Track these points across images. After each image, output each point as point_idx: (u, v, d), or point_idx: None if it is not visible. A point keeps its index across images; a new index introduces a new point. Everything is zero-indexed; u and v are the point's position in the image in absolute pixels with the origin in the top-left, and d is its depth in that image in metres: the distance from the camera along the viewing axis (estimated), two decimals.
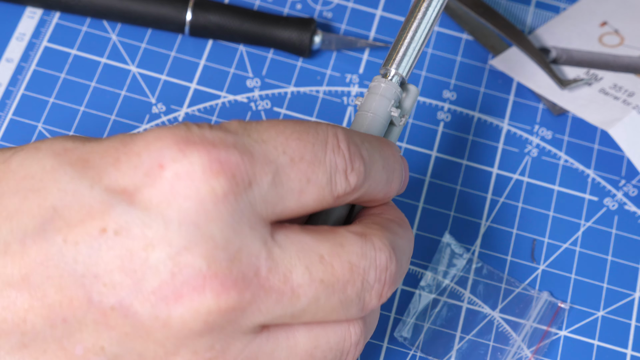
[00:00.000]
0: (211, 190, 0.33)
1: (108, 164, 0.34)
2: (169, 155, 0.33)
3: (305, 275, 0.34)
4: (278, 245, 0.34)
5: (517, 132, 0.56)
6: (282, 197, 0.35)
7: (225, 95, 0.55)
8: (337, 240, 0.36)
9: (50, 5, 0.56)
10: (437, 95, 0.57)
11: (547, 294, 0.51)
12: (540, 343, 0.50)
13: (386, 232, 0.37)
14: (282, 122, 0.36)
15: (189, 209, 0.33)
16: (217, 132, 0.34)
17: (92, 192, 0.33)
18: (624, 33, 0.59)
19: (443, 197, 0.54)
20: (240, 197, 0.33)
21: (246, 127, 0.35)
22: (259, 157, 0.34)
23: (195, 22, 0.56)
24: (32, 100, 0.54)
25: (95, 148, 0.34)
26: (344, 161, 0.36)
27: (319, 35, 0.56)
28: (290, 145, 0.35)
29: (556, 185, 0.55)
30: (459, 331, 0.50)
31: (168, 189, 0.33)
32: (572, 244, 0.53)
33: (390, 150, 0.39)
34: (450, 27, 0.59)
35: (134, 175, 0.33)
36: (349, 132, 0.37)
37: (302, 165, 0.35)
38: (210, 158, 0.33)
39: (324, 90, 0.56)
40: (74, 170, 0.34)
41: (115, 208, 0.33)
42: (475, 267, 0.52)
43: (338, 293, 0.35)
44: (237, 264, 0.33)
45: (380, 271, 0.36)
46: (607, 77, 0.56)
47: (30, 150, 0.35)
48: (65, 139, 0.35)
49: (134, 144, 0.34)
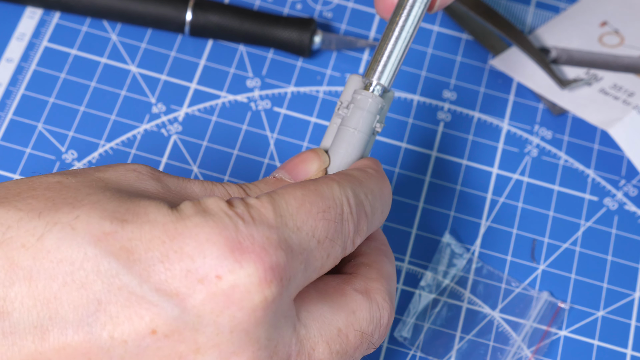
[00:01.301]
0: (264, 299, 0.34)
1: (156, 260, 0.33)
2: (226, 266, 0.33)
3: (326, 350, 0.37)
4: (303, 324, 0.37)
5: (517, 132, 0.56)
6: (309, 278, 0.37)
7: (225, 95, 0.55)
8: (349, 307, 0.38)
9: (50, 5, 0.56)
10: (437, 95, 0.57)
11: (547, 294, 0.51)
12: (540, 343, 0.50)
13: (383, 281, 0.40)
14: (307, 199, 0.36)
15: (242, 318, 0.34)
16: (262, 229, 0.34)
17: (141, 290, 0.33)
18: (624, 33, 0.59)
19: (443, 197, 0.54)
20: (283, 296, 0.35)
21: (281, 212, 0.35)
22: (297, 249, 0.35)
23: (195, 22, 0.56)
24: (32, 100, 0.54)
25: (136, 234, 0.34)
26: (354, 227, 0.38)
27: (319, 35, 0.56)
28: (318, 228, 0.36)
29: (556, 185, 0.55)
30: (459, 331, 0.50)
31: (223, 299, 0.33)
32: (572, 244, 0.53)
33: (387, 188, 0.41)
34: (450, 27, 0.59)
35: (187, 280, 0.33)
36: (356, 189, 0.38)
37: (325, 244, 0.37)
38: (265, 268, 0.34)
39: (324, 90, 0.56)
40: (118, 264, 0.33)
41: (166, 310, 0.33)
42: (475, 267, 0.52)
43: (349, 358, 0.38)
44: (275, 357, 0.35)
45: (382, 330, 0.40)
46: (607, 77, 0.56)
47: (66, 229, 0.34)
48: (102, 216, 0.34)
49: (184, 242, 0.34)
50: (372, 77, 0.42)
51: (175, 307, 0.33)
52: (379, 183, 0.40)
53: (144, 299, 0.33)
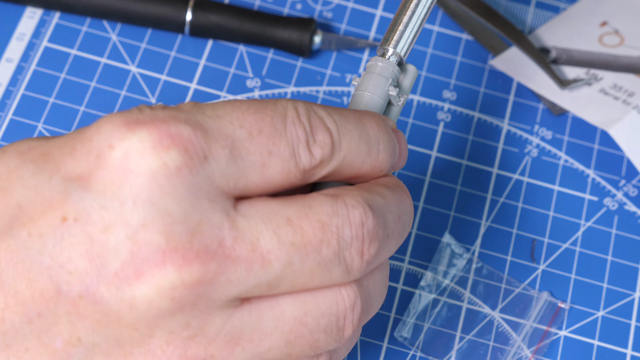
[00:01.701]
0: (163, 165, 0.33)
1: (65, 154, 0.34)
2: (118, 136, 0.33)
3: (274, 239, 0.33)
4: (242, 214, 0.34)
5: (517, 132, 0.56)
6: (243, 171, 0.34)
7: (225, 95, 0.56)
8: (306, 202, 0.35)
9: (50, 5, 0.56)
10: (437, 95, 0.57)
11: (547, 294, 0.51)
12: (540, 343, 0.50)
13: (363, 191, 0.36)
14: (239, 100, 0.35)
15: (142, 186, 0.33)
16: (169, 110, 0.34)
17: (51, 183, 0.34)
18: (624, 33, 0.59)
19: (443, 197, 0.54)
20: (195, 171, 0.33)
21: (200, 106, 0.35)
22: (213, 131, 0.34)
23: (195, 22, 0.56)
24: (32, 100, 0.54)
25: (57, 142, 0.35)
26: (305, 133, 0.35)
27: (319, 35, 0.56)
28: (247, 120, 0.34)
29: (556, 185, 0.55)
30: (459, 331, 0.50)
31: (119, 168, 0.33)
32: (572, 244, 0.53)
33: (372, 121, 0.38)
34: (450, 27, 0.59)
35: (87, 160, 0.33)
36: (311, 105, 0.36)
37: (261, 139, 0.34)
38: (160, 133, 0.33)
39: (324, 90, 0.56)
40: (35, 166, 0.34)
41: (72, 195, 0.33)
42: (475, 267, 0.52)
43: (313, 254, 0.34)
44: (198, 236, 0.33)
45: (355, 227, 0.35)
46: (607, 77, 0.56)
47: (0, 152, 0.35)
48: (32, 139, 0.36)
49: (88, 130, 0.34)
50: (387, 46, 0.41)
51: (79, 189, 0.33)
52: (357, 113, 0.37)
53: (53, 190, 0.33)
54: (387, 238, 0.36)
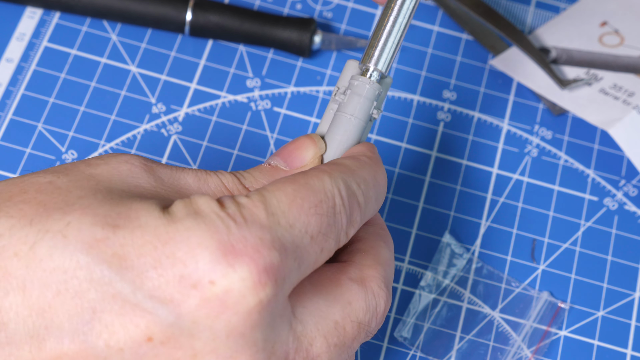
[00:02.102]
0: (259, 302, 0.34)
1: (149, 266, 0.33)
2: (219, 271, 0.33)
3: (324, 345, 0.37)
4: (299, 321, 0.36)
5: (517, 132, 0.56)
6: (303, 274, 0.36)
7: (225, 95, 0.55)
8: (345, 298, 0.38)
9: (50, 5, 0.56)
10: (437, 95, 0.57)
11: (547, 294, 0.51)
12: (540, 343, 0.50)
13: (379, 268, 0.40)
14: (299, 194, 0.36)
15: (238, 322, 0.34)
16: (254, 230, 0.34)
17: (135, 297, 0.33)
18: (624, 33, 0.59)
19: (443, 197, 0.54)
20: (279, 296, 0.35)
21: (273, 211, 0.35)
22: (291, 248, 0.35)
23: (195, 22, 0.56)
24: (32, 100, 0.54)
25: (128, 240, 0.33)
26: (347, 219, 0.38)
27: (319, 35, 0.56)
28: (310, 224, 0.36)
29: (556, 185, 0.55)
30: (459, 331, 0.50)
31: (218, 304, 0.33)
32: (572, 244, 0.53)
33: (381, 174, 0.40)
34: (450, 27, 0.59)
35: (179, 286, 0.33)
36: (348, 180, 0.38)
37: (318, 239, 0.36)
38: (259, 270, 0.34)
39: (324, 90, 0.56)
40: (111, 271, 0.33)
41: (161, 317, 0.33)
42: (475, 267, 0.52)
43: (348, 349, 0.38)
44: (273, 358, 0.35)
45: (379, 317, 0.39)
46: (607, 77, 0.56)
47: (58, 237, 0.33)
48: (94, 222, 0.34)
49: (176, 247, 0.33)
50: (368, 63, 0.42)
51: (170, 314, 0.33)
52: (372, 171, 0.40)
53: (138, 306, 0.33)
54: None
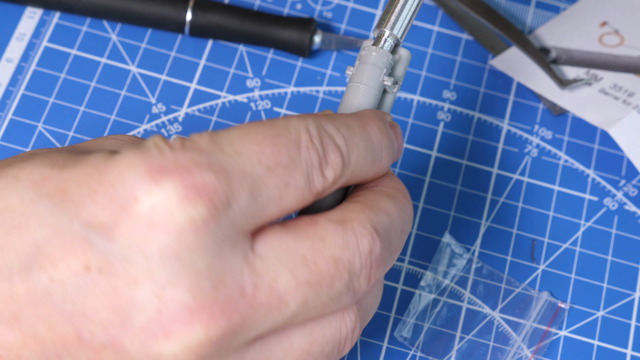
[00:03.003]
0: (190, 220, 0.32)
1: (85, 195, 0.33)
2: (143, 187, 0.32)
3: (291, 280, 0.34)
4: (259, 256, 0.34)
5: (517, 132, 0.56)
6: (262, 207, 0.34)
7: (225, 95, 0.56)
8: (318, 234, 0.35)
9: (50, 5, 0.56)
10: (437, 95, 0.57)
11: (547, 294, 0.51)
12: (540, 343, 0.50)
13: (368, 212, 0.36)
14: (252, 128, 0.34)
15: (169, 242, 0.32)
16: (190, 153, 0.33)
17: (72, 226, 0.33)
18: (624, 33, 0.59)
19: (443, 197, 0.54)
20: (220, 220, 0.33)
21: (218, 140, 0.34)
22: (235, 172, 0.33)
23: (195, 22, 0.56)
24: (32, 100, 0.54)
25: (73, 176, 0.33)
26: (318, 157, 0.35)
27: (319, 35, 0.56)
28: (264, 153, 0.34)
29: (556, 185, 0.55)
30: (459, 331, 0.50)
31: (145, 222, 0.32)
32: (572, 244, 0.53)
33: (375, 127, 0.37)
34: (450, 27, 0.59)
35: (110, 209, 0.32)
36: (321, 122, 0.36)
37: (278, 171, 0.34)
38: (186, 185, 0.32)
39: (324, 90, 0.56)
40: (52, 204, 0.33)
41: (96, 245, 0.32)
42: (475, 267, 0.52)
43: (326, 289, 0.35)
44: (222, 289, 0.33)
45: (364, 257, 0.35)
46: (607, 77, 0.56)
47: (9, 179, 0.34)
48: (44, 164, 0.34)
49: (109, 172, 0.33)
50: (384, 27, 0.40)
51: (104, 239, 0.32)
52: (360, 120, 0.37)
53: (75, 235, 0.33)
54: (391, 255, 0.37)
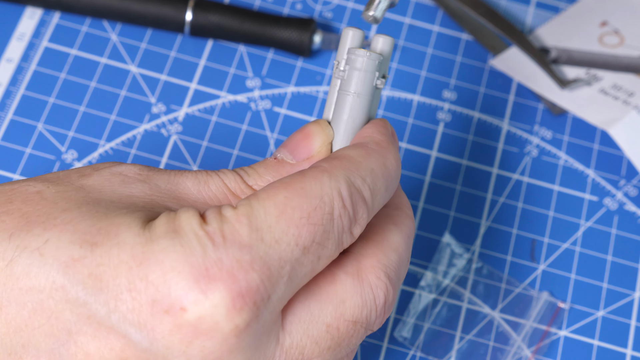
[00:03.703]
0: (234, 327, 0.32)
1: (123, 288, 0.32)
2: (190, 297, 0.32)
3: (315, 349, 0.35)
4: (288, 333, 0.35)
5: (517, 132, 0.56)
6: (297, 286, 0.34)
7: (225, 95, 0.55)
8: (339, 296, 0.35)
9: (50, 5, 0.56)
10: (437, 95, 0.57)
11: (547, 294, 0.51)
12: (540, 343, 0.50)
13: (380, 255, 0.37)
14: (288, 201, 0.34)
15: (213, 347, 0.32)
16: (232, 251, 0.32)
17: (109, 320, 0.32)
18: (624, 33, 0.59)
19: (443, 197, 0.54)
20: (261, 317, 0.33)
21: (257, 226, 0.33)
22: (275, 265, 0.33)
23: (195, 22, 0.56)
24: (32, 100, 0.54)
25: (105, 259, 0.33)
26: (349, 221, 0.35)
27: (319, 35, 0.56)
28: (302, 235, 0.33)
29: (556, 185, 0.55)
30: (459, 331, 0.50)
31: (191, 330, 0.32)
32: (572, 244, 0.53)
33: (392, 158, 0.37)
34: (450, 27, 0.59)
35: (153, 311, 0.32)
36: (351, 177, 0.35)
37: (313, 249, 0.34)
38: (233, 296, 0.32)
39: (324, 90, 0.56)
40: (86, 292, 0.32)
41: (134, 342, 0.32)
42: (475, 267, 0.52)
43: (345, 347, 0.36)
44: None
45: (380, 309, 0.36)
46: (607, 77, 0.56)
47: (34, 255, 0.33)
48: (72, 240, 0.33)
49: (149, 269, 0.32)
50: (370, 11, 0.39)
51: (144, 338, 0.32)
52: (380, 158, 0.37)
53: (112, 329, 0.32)
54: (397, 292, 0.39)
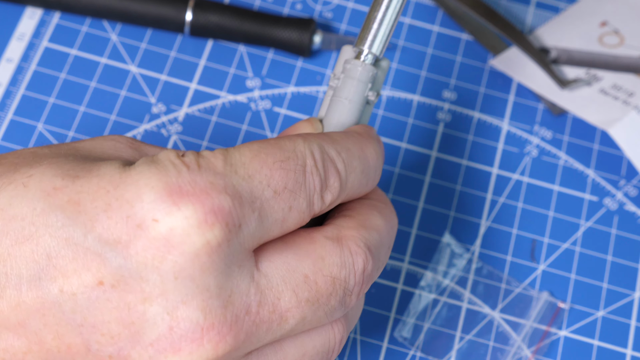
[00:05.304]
0: (206, 243, 0.33)
1: (99, 210, 0.33)
2: (162, 209, 0.33)
3: (293, 299, 0.35)
4: (264, 274, 0.35)
5: (517, 132, 0.56)
6: (267, 229, 0.35)
7: (225, 95, 0.56)
8: (317, 252, 0.36)
9: (50, 5, 0.56)
10: (437, 95, 0.57)
11: (547, 294, 0.51)
12: (540, 343, 0.50)
13: (361, 230, 0.38)
14: (263, 149, 0.36)
15: (185, 264, 0.33)
16: (207, 174, 0.34)
17: (86, 241, 0.33)
18: (624, 33, 0.59)
19: (443, 197, 0.54)
20: (231, 242, 0.34)
21: (231, 162, 0.35)
22: (247, 196, 0.34)
23: (195, 22, 0.56)
24: (32, 100, 0.54)
25: (85, 187, 0.34)
26: (320, 182, 0.36)
27: (319, 35, 0.56)
28: (274, 177, 0.35)
29: (556, 185, 0.55)
30: (459, 331, 0.50)
31: (163, 243, 0.33)
32: (572, 244, 0.53)
33: (371, 148, 0.39)
34: (450, 27, 0.59)
35: (126, 226, 0.33)
36: (324, 145, 0.37)
37: (284, 195, 0.35)
38: (205, 210, 0.33)
39: (324, 90, 0.56)
40: (65, 216, 0.33)
41: (110, 260, 0.33)
42: (475, 267, 0.52)
43: (323, 306, 0.36)
44: (230, 307, 0.34)
45: (358, 275, 0.37)
46: (607, 77, 0.56)
47: (19, 187, 0.34)
48: (54, 174, 0.35)
49: (125, 189, 0.33)
50: (362, 46, 0.41)
51: (119, 256, 0.33)
52: (358, 143, 0.39)
53: (89, 250, 0.33)
54: (378, 270, 0.39)
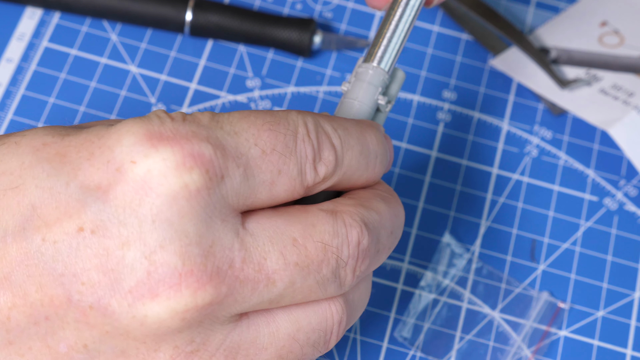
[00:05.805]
0: (184, 186, 0.33)
1: (83, 159, 0.34)
2: (141, 151, 0.33)
3: (280, 260, 0.35)
4: (250, 233, 0.35)
5: (517, 132, 0.56)
6: (253, 189, 0.35)
7: (225, 95, 0.56)
8: (309, 220, 0.36)
9: (50, 5, 0.56)
10: (437, 95, 0.57)
11: (547, 294, 0.51)
12: (540, 343, 0.50)
13: (359, 207, 0.37)
14: (253, 113, 0.36)
15: (162, 207, 0.33)
16: (190, 125, 0.34)
17: (68, 189, 0.33)
18: (624, 33, 0.59)
19: (443, 197, 0.54)
20: (213, 192, 0.34)
21: (218, 119, 0.35)
22: (231, 149, 0.34)
23: (195, 22, 0.56)
24: (32, 100, 0.54)
25: (72, 141, 0.34)
26: (313, 151, 0.36)
27: (319, 35, 0.56)
28: (261, 137, 0.35)
29: (556, 185, 0.55)
30: (459, 331, 0.50)
31: (140, 185, 0.33)
32: (572, 244, 0.53)
33: (372, 134, 0.39)
34: (450, 27, 0.59)
35: (106, 171, 0.33)
36: (320, 119, 0.37)
37: (273, 157, 0.35)
38: (184, 153, 0.33)
39: (324, 90, 0.56)
40: (51, 167, 0.34)
41: (90, 206, 0.33)
42: (475, 267, 0.52)
43: (314, 274, 0.35)
44: (212, 258, 0.33)
45: (352, 247, 0.36)
46: (607, 77, 0.56)
47: (11, 144, 0.35)
48: (46, 133, 0.35)
49: (108, 137, 0.34)
50: (372, 62, 0.41)
51: (98, 201, 0.33)
52: (358, 126, 0.38)
53: (70, 197, 0.33)
54: (378, 253, 0.38)
